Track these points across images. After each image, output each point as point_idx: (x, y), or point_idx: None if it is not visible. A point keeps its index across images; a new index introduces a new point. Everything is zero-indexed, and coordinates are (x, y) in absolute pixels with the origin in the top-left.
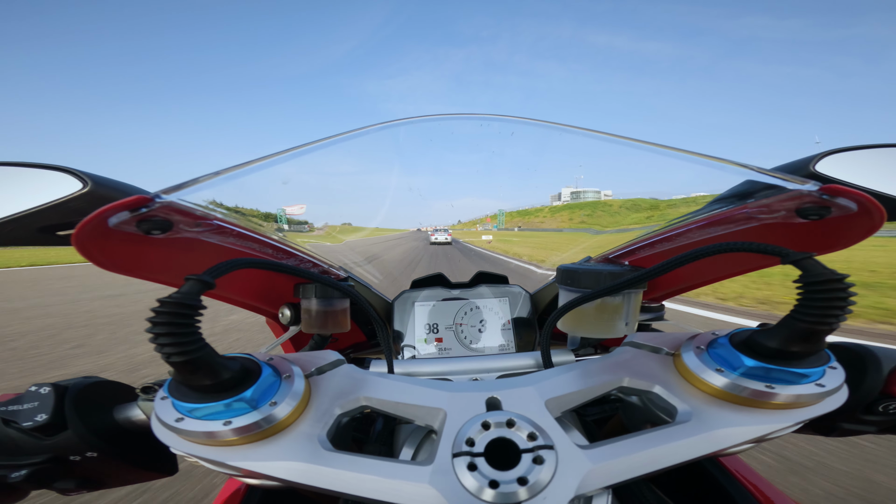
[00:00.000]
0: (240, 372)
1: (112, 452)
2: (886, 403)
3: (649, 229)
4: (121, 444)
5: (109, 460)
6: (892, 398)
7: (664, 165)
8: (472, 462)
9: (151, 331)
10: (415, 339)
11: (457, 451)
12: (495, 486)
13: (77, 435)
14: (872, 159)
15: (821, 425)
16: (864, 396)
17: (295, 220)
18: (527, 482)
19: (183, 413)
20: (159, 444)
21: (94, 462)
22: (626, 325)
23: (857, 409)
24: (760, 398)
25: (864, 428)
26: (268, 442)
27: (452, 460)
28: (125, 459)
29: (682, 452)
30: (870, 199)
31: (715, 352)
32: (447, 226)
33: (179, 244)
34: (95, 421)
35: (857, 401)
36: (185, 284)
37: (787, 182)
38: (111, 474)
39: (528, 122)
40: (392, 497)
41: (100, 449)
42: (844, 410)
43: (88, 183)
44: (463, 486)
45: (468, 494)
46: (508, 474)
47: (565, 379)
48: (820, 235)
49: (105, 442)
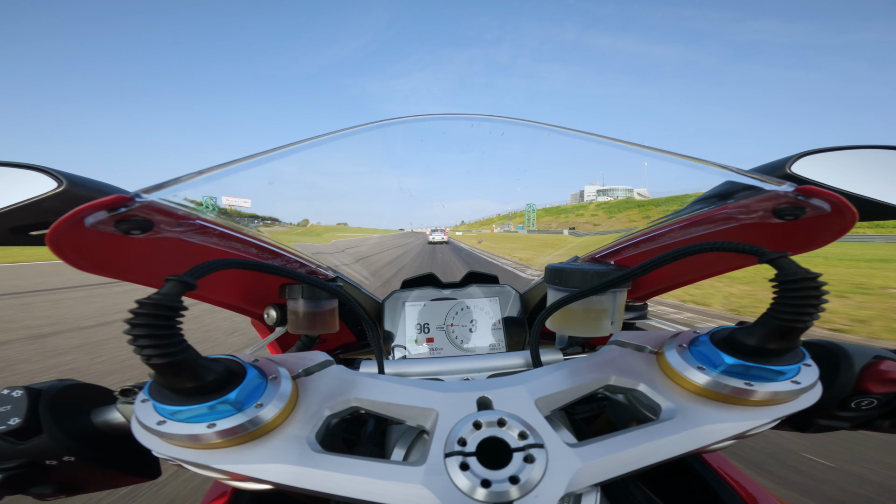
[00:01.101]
0: (224, 374)
1: (90, 457)
2: (858, 400)
3: (634, 229)
4: (100, 448)
5: (88, 465)
6: (864, 394)
7: (652, 167)
8: (464, 462)
9: (130, 332)
10: (405, 339)
11: (449, 450)
12: (487, 486)
13: (52, 439)
14: (846, 161)
15: (797, 421)
16: (837, 393)
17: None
18: (518, 481)
19: (165, 416)
20: (140, 448)
21: (71, 467)
22: (611, 324)
23: (830, 405)
24: (740, 395)
25: (839, 424)
26: (254, 444)
27: (445, 460)
28: (104, 463)
29: (668, 449)
30: (842, 200)
31: (697, 350)
32: (445, 226)
33: (160, 244)
34: (72, 425)
35: (830, 397)
36: (166, 285)
37: (764, 183)
38: (90, 479)
39: (518, 123)
40: (384, 498)
41: (77, 453)
42: (819, 407)
43: (64, 182)
44: (455, 485)
45: (461, 494)
46: (500, 473)
47: (554, 378)
48: (795, 235)
49: (83, 446)
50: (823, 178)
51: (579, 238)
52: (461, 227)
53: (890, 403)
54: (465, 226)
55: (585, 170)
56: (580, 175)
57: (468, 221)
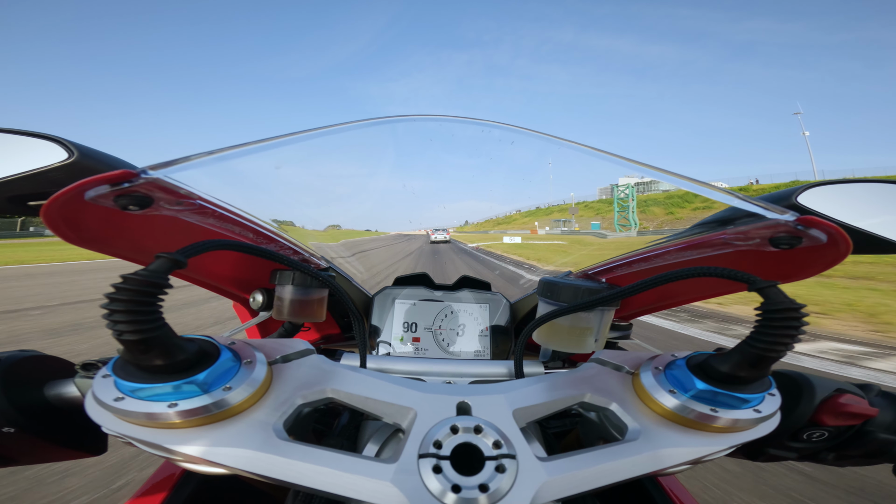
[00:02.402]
0: (196, 354)
1: (33, 429)
2: (811, 432)
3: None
4: (45, 421)
5: (27, 437)
6: (817, 426)
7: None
8: (437, 464)
9: (107, 307)
10: (391, 336)
11: (423, 451)
12: (457, 491)
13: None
14: (852, 193)
15: (750, 450)
16: (793, 423)
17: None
18: (487, 489)
19: (124, 392)
20: (90, 424)
21: (7, 438)
22: (595, 342)
23: (784, 435)
24: (703, 421)
25: (787, 454)
26: (214, 427)
27: (418, 461)
28: (46, 437)
29: (627, 469)
30: (839, 231)
31: (671, 373)
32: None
33: (156, 222)
34: (20, 396)
35: (786, 428)
36: (155, 262)
37: (768, 211)
38: (27, 451)
39: (521, 132)
40: (350, 492)
41: (19, 424)
42: (774, 436)
43: (75, 153)
44: (426, 487)
45: (430, 496)
46: (471, 480)
47: (534, 390)
48: (788, 264)
49: (27, 418)
50: (827, 210)
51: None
52: (468, 228)
53: (840, 436)
54: (470, 227)
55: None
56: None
57: (472, 222)
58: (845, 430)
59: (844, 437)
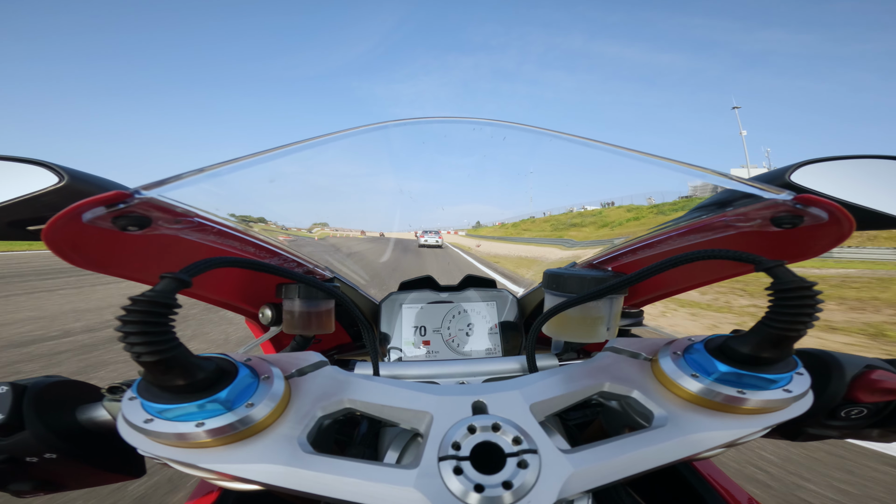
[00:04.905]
0: (214, 372)
1: (73, 454)
2: (848, 409)
3: (632, 236)
4: (83, 445)
5: (70, 462)
6: (853, 404)
7: (655, 174)
8: (458, 466)
9: (121, 329)
10: (402, 341)
11: (443, 454)
12: (481, 490)
13: (35, 436)
14: (845, 170)
15: (788, 430)
16: (827, 402)
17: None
18: (511, 486)
19: (152, 414)
20: (125, 446)
21: (52, 464)
22: (607, 331)
23: (821, 414)
24: (732, 403)
25: (828, 433)
26: (243, 444)
27: (438, 464)
28: (87, 461)
29: (659, 457)
30: (840, 209)
31: (691, 357)
32: (457, 228)
33: (157, 241)
34: (55, 421)
35: (821, 406)
36: (161, 282)
37: (763, 191)
38: (72, 476)
39: (522, 129)
40: (376, 500)
41: (59, 450)
42: (810, 416)
43: (65, 177)
44: (449, 489)
45: (454, 498)
46: (493, 478)
47: (549, 383)
48: (792, 244)
49: (66, 443)
50: (822, 188)
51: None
52: (476, 231)
53: (880, 413)
54: (484, 230)
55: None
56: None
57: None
58: (884, 407)
59: (885, 413)
